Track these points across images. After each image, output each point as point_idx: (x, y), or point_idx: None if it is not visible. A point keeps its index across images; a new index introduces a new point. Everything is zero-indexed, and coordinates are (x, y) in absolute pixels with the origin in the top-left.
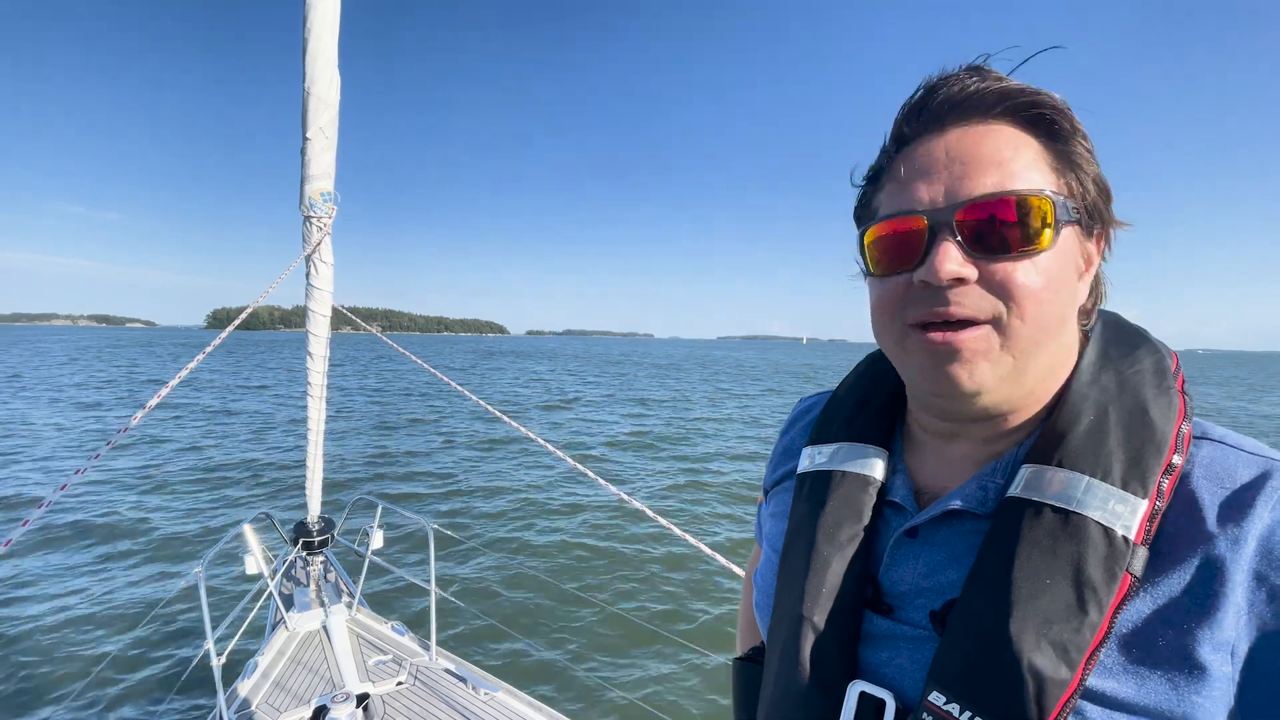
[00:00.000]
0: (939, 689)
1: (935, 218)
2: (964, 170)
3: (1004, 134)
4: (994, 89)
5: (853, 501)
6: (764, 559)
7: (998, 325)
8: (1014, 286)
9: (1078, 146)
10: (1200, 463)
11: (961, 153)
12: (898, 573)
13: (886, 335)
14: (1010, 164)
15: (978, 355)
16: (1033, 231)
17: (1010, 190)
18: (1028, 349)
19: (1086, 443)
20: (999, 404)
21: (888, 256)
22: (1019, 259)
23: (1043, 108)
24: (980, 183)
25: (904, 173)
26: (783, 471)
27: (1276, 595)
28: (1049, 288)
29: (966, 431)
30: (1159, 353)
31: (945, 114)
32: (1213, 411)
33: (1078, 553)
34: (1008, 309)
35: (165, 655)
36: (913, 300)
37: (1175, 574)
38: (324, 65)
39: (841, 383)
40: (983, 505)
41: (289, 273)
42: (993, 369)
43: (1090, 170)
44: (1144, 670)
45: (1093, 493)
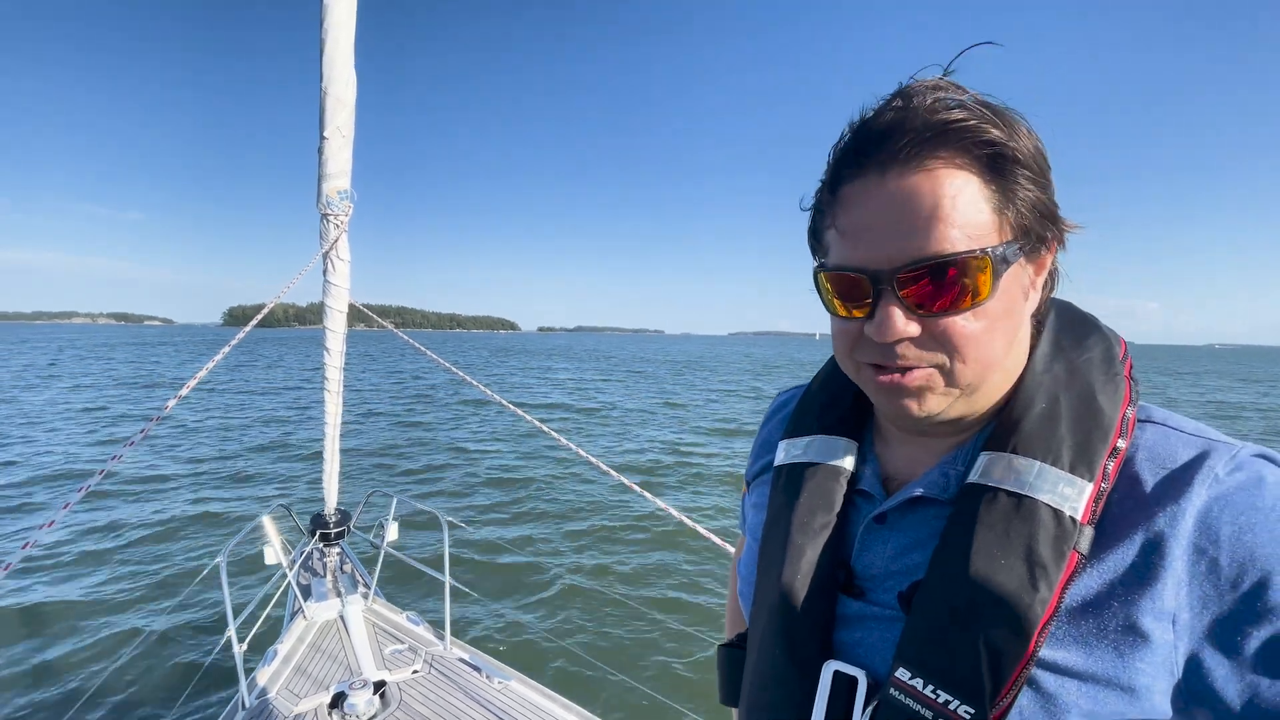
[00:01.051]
0: (904, 665)
1: (878, 279)
2: (903, 228)
3: (940, 178)
4: (928, 129)
5: (825, 491)
6: (746, 548)
7: (942, 369)
8: (954, 338)
9: (1019, 176)
10: (1143, 445)
11: (898, 206)
12: (868, 557)
13: (845, 365)
14: (950, 215)
15: (924, 391)
16: (972, 288)
17: (949, 254)
18: (973, 382)
19: (1039, 430)
20: (955, 419)
21: (840, 303)
22: (959, 313)
23: (979, 142)
24: (919, 244)
25: (846, 223)
26: (762, 464)
27: (1216, 567)
28: (991, 329)
29: (937, 430)
30: (1107, 340)
31: (883, 161)
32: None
33: (1030, 533)
34: (950, 357)
35: (188, 642)
36: (863, 345)
37: (1119, 550)
38: (341, 66)
39: (814, 378)
40: (945, 491)
41: (308, 270)
42: (941, 400)
43: (1028, 193)
44: (1092, 640)
45: (1044, 477)
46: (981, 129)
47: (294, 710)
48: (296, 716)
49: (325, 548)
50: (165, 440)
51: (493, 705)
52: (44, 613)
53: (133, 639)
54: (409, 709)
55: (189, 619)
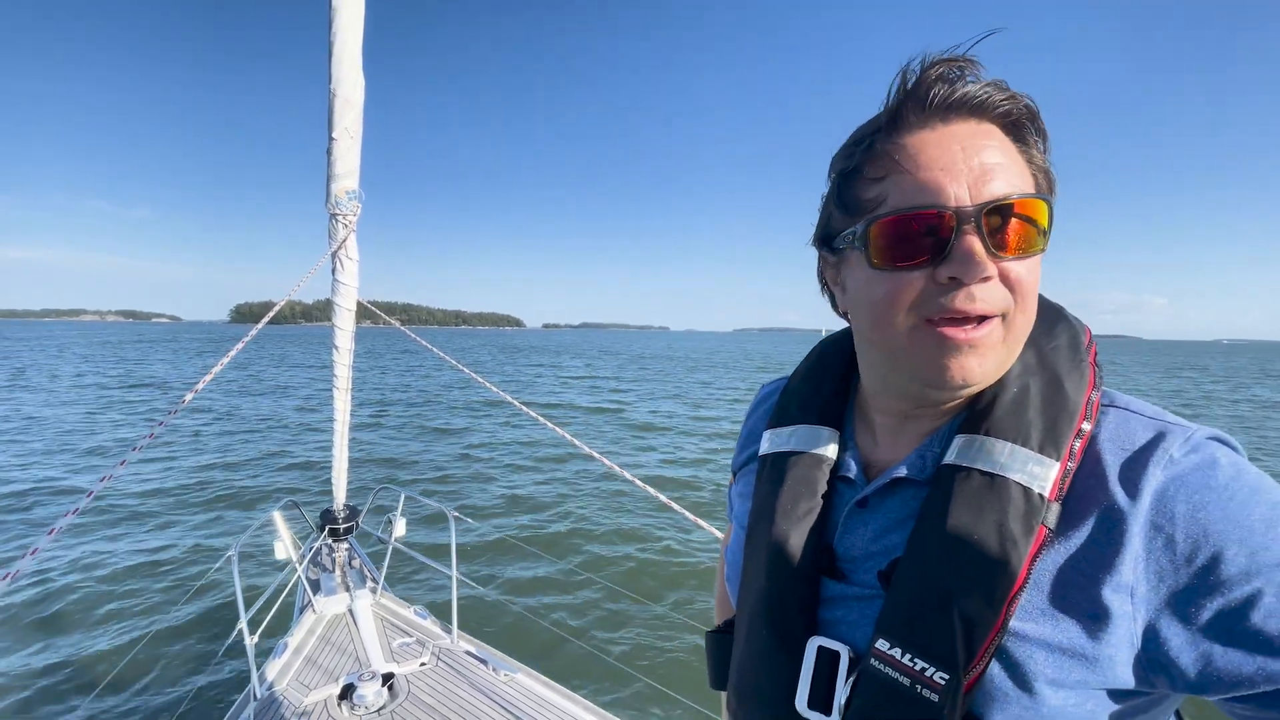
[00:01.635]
0: (884, 636)
1: (963, 215)
2: (982, 169)
3: (996, 136)
4: (993, 94)
5: (808, 479)
6: (733, 536)
7: (1005, 319)
8: (1022, 284)
9: (1040, 154)
10: (1106, 427)
11: (975, 150)
12: (850, 540)
13: (893, 329)
14: (1010, 167)
15: (989, 349)
16: (1039, 233)
17: (1028, 194)
18: (1020, 339)
19: (1010, 413)
20: (978, 388)
21: (903, 250)
22: (1026, 258)
23: (1023, 115)
24: (997, 183)
25: (919, 163)
26: (747, 454)
27: (1171, 543)
28: (1038, 283)
29: (923, 412)
30: (1074, 329)
31: (950, 108)
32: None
33: (1001, 509)
34: (1015, 304)
35: (200, 634)
36: (931, 294)
37: (1083, 526)
38: (349, 67)
39: (795, 370)
40: (922, 473)
41: (317, 269)
42: (995, 361)
43: (1046, 172)
44: (1058, 612)
45: (1014, 457)
46: (1026, 105)
47: (304, 701)
48: (306, 707)
49: (334, 543)
50: (177, 437)
51: (499, 698)
52: (59, 605)
53: (146, 630)
54: (417, 700)
55: (201, 611)
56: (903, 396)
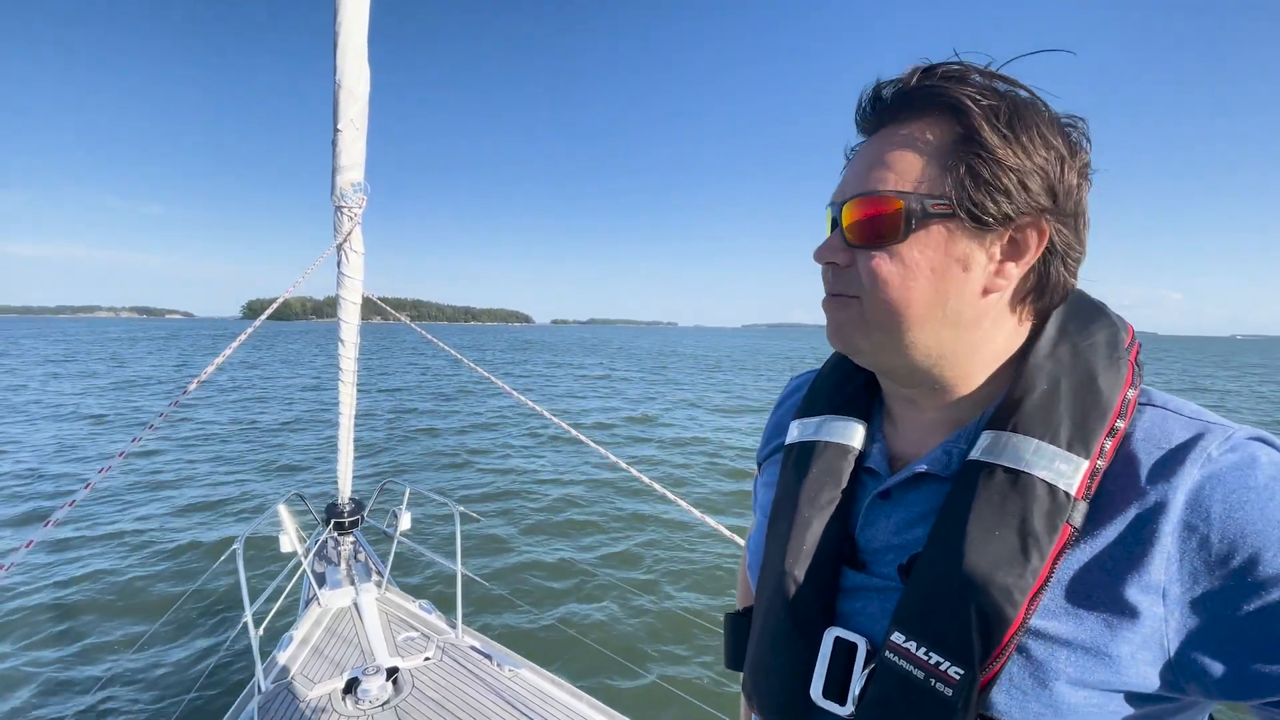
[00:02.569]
0: (899, 629)
1: (833, 211)
2: (861, 169)
3: (909, 131)
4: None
5: (833, 468)
6: (756, 525)
7: (859, 303)
8: (867, 274)
9: (988, 149)
10: (1141, 426)
11: (870, 153)
12: (871, 531)
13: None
14: (892, 162)
15: (845, 323)
16: (886, 227)
17: (869, 191)
18: (889, 325)
19: (1038, 409)
20: (896, 368)
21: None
22: (876, 250)
23: (948, 105)
24: (860, 183)
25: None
26: (774, 445)
27: (1207, 543)
28: (906, 276)
29: (922, 399)
30: (1114, 326)
31: (875, 119)
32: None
33: (1024, 507)
34: (861, 291)
35: (204, 627)
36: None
37: (1112, 525)
38: (354, 59)
39: (825, 363)
40: (947, 468)
41: (321, 262)
42: (864, 336)
43: (991, 172)
44: (1082, 611)
45: (1041, 454)
46: (953, 94)
47: (308, 695)
48: (310, 701)
49: (339, 536)
50: (183, 429)
51: (503, 692)
52: (64, 599)
53: (151, 623)
54: (421, 695)
55: (206, 605)
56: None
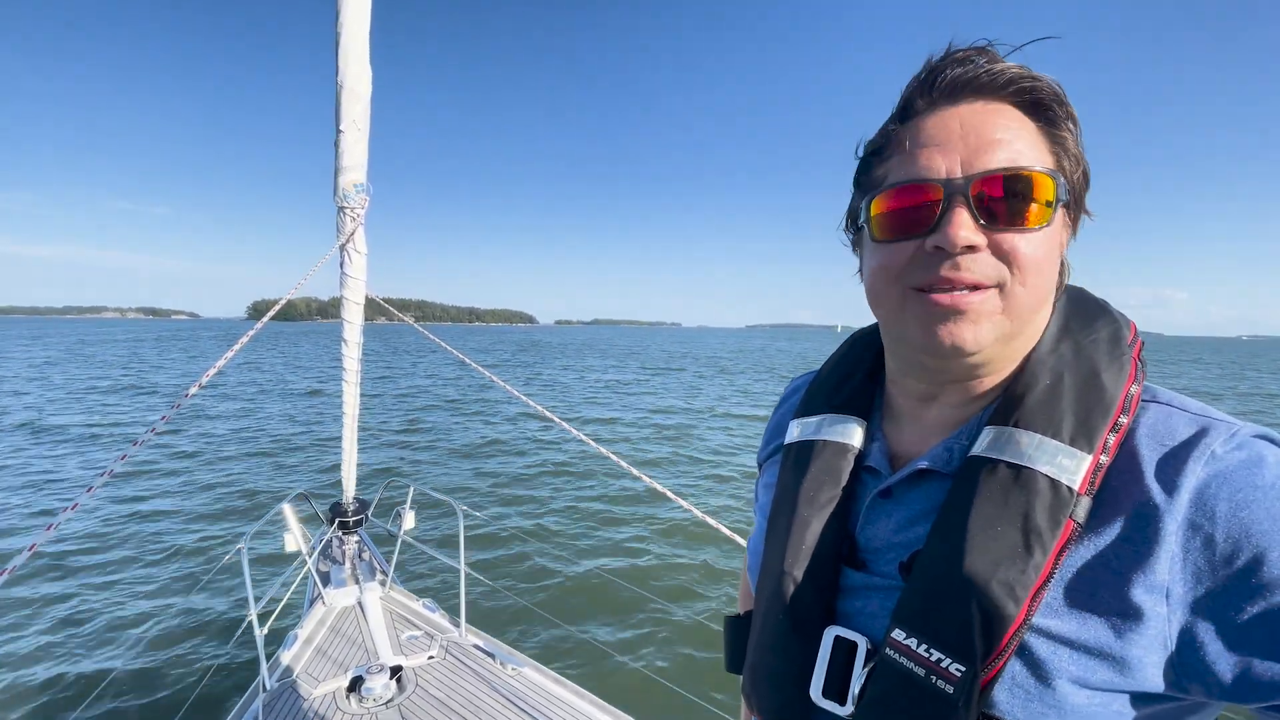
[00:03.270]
0: (900, 626)
1: (951, 186)
2: (978, 143)
3: (1009, 114)
4: (1004, 72)
5: (832, 467)
6: (756, 527)
7: (1002, 290)
8: (1019, 255)
9: (1068, 134)
10: (1145, 422)
11: (975, 126)
12: (871, 530)
13: (886, 298)
14: (1016, 143)
15: (983, 316)
16: (1038, 207)
17: (1023, 166)
18: (1024, 314)
19: (1041, 405)
20: (985, 363)
21: (896, 222)
22: (1024, 231)
23: (1043, 94)
24: (994, 156)
25: (917, 142)
26: (774, 446)
27: (1211, 542)
28: (1045, 260)
29: (944, 394)
30: (1116, 323)
31: (958, 90)
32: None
33: (1027, 502)
34: (1011, 276)
35: (209, 626)
36: (920, 265)
37: (1115, 522)
38: (356, 60)
39: (826, 361)
40: (948, 465)
41: (324, 262)
42: (993, 329)
43: (1077, 157)
44: (1084, 609)
45: (1043, 449)
46: (1046, 85)
47: (313, 693)
48: (315, 700)
49: (344, 535)
50: (187, 429)
51: (507, 691)
52: (69, 597)
53: (156, 622)
54: (425, 694)
55: (211, 603)
56: (917, 371)
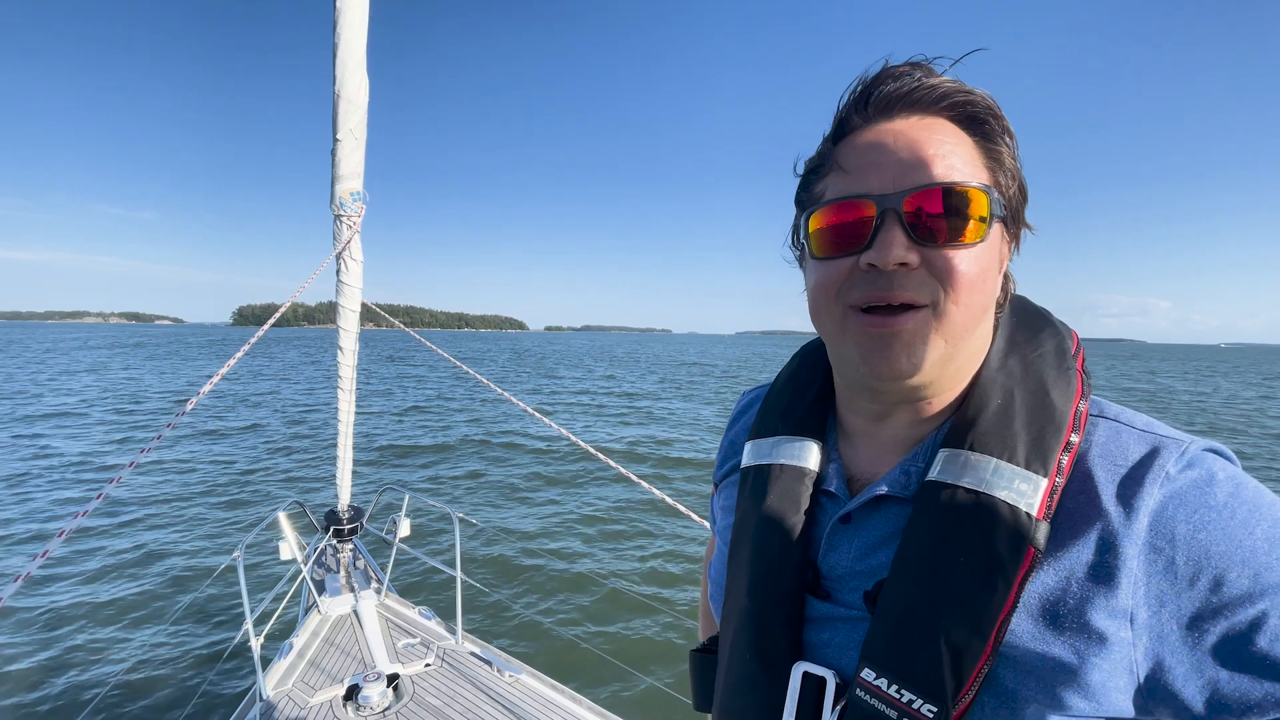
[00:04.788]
0: (869, 665)
1: (884, 203)
2: (912, 159)
3: (944, 129)
4: (938, 87)
5: (791, 493)
6: (716, 551)
7: (935, 310)
8: (953, 273)
9: (1005, 148)
10: (1096, 441)
11: (909, 142)
12: (834, 558)
13: (826, 317)
14: (951, 158)
15: (916, 339)
16: (972, 223)
17: (956, 181)
18: (959, 334)
19: (994, 426)
20: (929, 384)
21: (833, 239)
22: (958, 248)
23: (978, 108)
24: (927, 172)
25: (852, 159)
26: (729, 465)
27: (1172, 565)
28: (980, 277)
29: (894, 414)
30: (1060, 334)
31: (892, 105)
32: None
33: (987, 530)
34: (945, 294)
35: (205, 635)
36: (856, 283)
37: (1074, 547)
38: (353, 69)
39: (777, 376)
40: (906, 489)
41: (321, 270)
42: (929, 352)
43: (1014, 172)
44: (1049, 636)
45: (1000, 474)
46: (980, 99)
47: (309, 702)
48: (311, 708)
49: (339, 543)
50: (182, 438)
51: (503, 698)
52: (65, 607)
53: (151, 632)
54: (421, 701)
55: (206, 612)
56: (863, 392)
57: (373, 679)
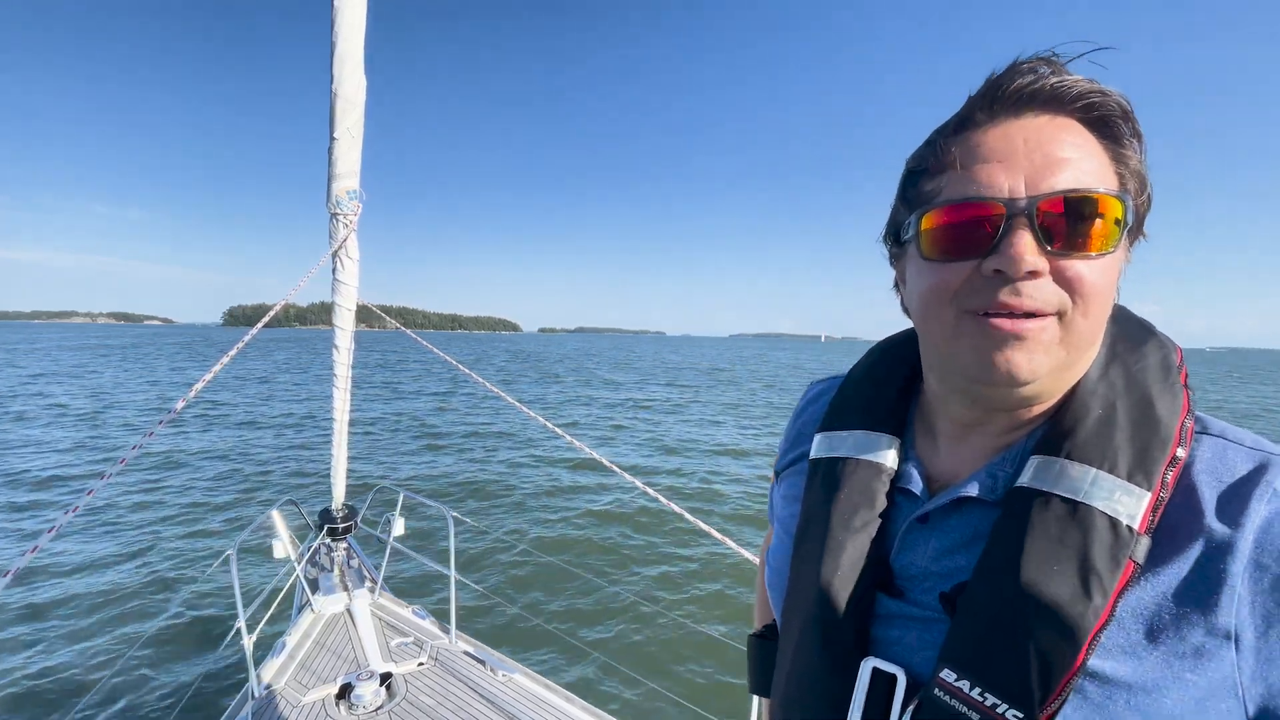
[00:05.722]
0: (950, 666)
1: (1014, 207)
2: (1044, 161)
3: (1075, 130)
4: (1074, 85)
5: (866, 488)
6: (776, 539)
7: (1061, 319)
8: (1083, 283)
9: (1134, 153)
10: (1201, 456)
11: (1040, 143)
12: (908, 557)
13: (939, 320)
14: (1084, 162)
15: (1040, 346)
16: (1106, 232)
17: (1091, 189)
18: (1082, 344)
19: (1094, 436)
20: (1040, 393)
21: (952, 241)
22: (1088, 258)
23: (1111, 109)
24: (1061, 177)
25: (976, 156)
26: (795, 454)
27: (1278, 584)
28: (1108, 288)
29: (990, 420)
30: (1165, 348)
31: (1022, 102)
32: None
33: (1084, 541)
34: (1073, 304)
35: (198, 633)
36: (977, 287)
37: (1176, 562)
38: (351, 67)
39: (853, 369)
40: (992, 493)
41: (317, 269)
42: (1050, 359)
43: (1142, 178)
44: (1143, 653)
45: (1099, 484)
46: (1115, 101)
47: (302, 700)
48: (304, 707)
49: (333, 542)
50: (176, 437)
51: (496, 697)
52: (57, 605)
53: (145, 630)
54: (415, 700)
55: (199, 611)
56: (963, 398)
57: (366, 678)
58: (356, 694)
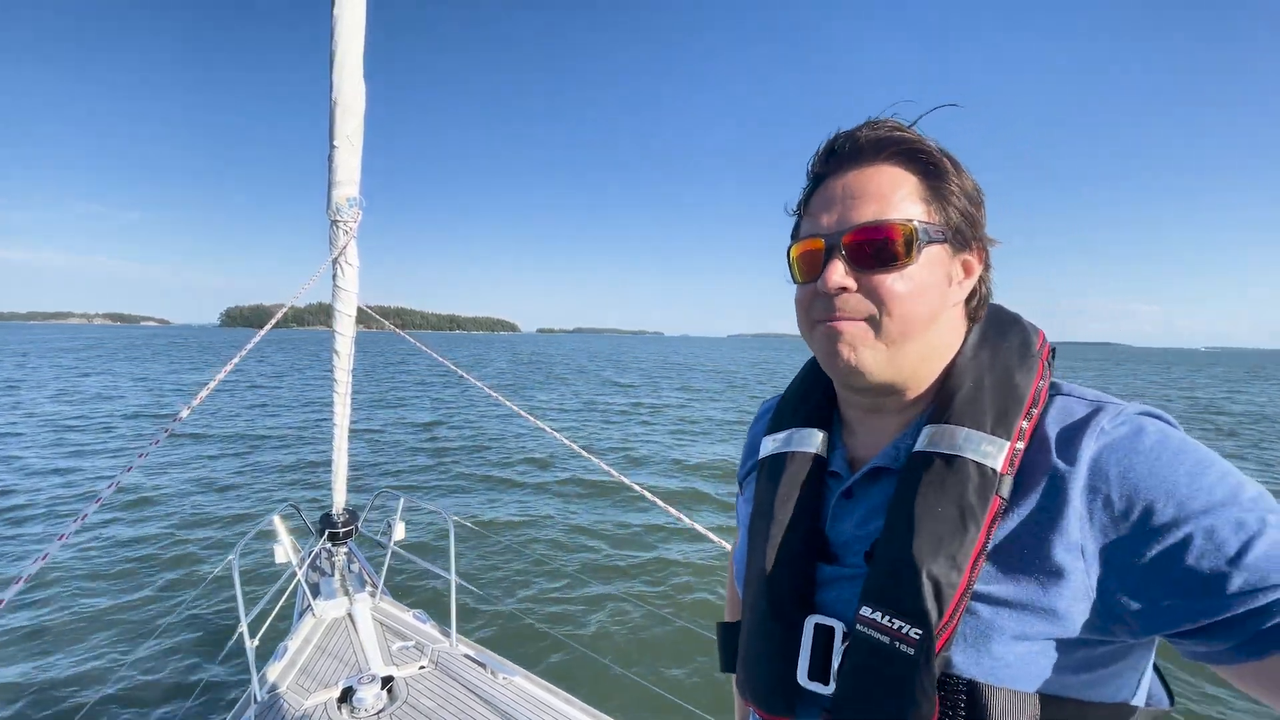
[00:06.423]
0: (867, 604)
1: (829, 241)
2: (852, 204)
3: (887, 173)
4: (879, 138)
5: (801, 474)
6: (739, 539)
7: (872, 322)
8: (883, 293)
9: (948, 183)
10: (1052, 411)
11: (853, 189)
12: (839, 526)
13: (802, 329)
14: (889, 198)
15: (856, 341)
16: (899, 251)
17: (882, 219)
18: (897, 340)
19: (967, 404)
20: (888, 381)
21: (802, 268)
22: (888, 272)
23: (918, 151)
24: (861, 213)
25: (816, 204)
26: (751, 464)
27: (1109, 502)
28: (914, 293)
29: (883, 405)
30: (1026, 331)
31: (843, 159)
32: None
33: (960, 485)
34: (879, 310)
35: (200, 638)
36: (815, 303)
37: (1032, 494)
38: (350, 75)
39: (791, 382)
40: (896, 462)
41: (319, 275)
42: (871, 354)
43: (957, 202)
44: (1017, 573)
45: (970, 440)
46: (919, 144)
47: (304, 704)
48: (306, 711)
49: (334, 547)
50: (177, 442)
51: (498, 701)
52: (60, 610)
53: (147, 634)
54: (416, 704)
55: (201, 615)
56: (848, 391)
57: (367, 681)
58: (358, 697)
